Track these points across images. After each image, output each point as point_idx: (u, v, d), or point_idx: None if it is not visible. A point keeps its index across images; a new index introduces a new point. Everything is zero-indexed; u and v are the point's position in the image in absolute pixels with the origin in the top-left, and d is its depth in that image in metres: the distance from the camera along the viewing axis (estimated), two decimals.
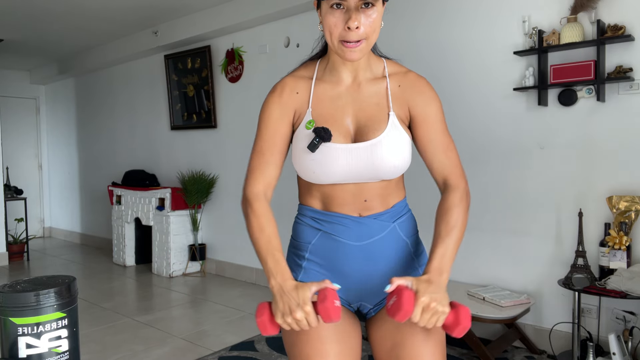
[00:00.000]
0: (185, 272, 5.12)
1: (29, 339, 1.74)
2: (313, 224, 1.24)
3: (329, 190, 1.21)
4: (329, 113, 1.19)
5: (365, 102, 1.20)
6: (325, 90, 1.21)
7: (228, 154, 4.93)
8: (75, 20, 5.03)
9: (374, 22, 1.12)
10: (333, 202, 1.21)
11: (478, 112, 3.23)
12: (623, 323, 2.68)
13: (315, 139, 1.14)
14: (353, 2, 1.08)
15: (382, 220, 1.22)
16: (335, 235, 1.20)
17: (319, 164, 1.16)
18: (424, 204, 2.40)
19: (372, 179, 1.19)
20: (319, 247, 1.23)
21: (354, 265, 1.21)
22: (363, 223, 1.20)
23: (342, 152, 1.15)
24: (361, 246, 1.20)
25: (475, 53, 3.22)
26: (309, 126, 1.18)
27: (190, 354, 3.05)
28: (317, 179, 1.18)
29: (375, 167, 1.16)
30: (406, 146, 1.21)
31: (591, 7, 2.74)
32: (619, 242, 2.57)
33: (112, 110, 6.48)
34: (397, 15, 3.58)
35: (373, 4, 1.10)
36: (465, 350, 3.02)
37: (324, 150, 1.15)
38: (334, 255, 1.21)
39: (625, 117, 2.71)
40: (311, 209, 1.25)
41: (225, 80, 4.88)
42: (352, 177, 1.18)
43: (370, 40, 1.14)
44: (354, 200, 1.20)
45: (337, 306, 0.98)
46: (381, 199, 1.22)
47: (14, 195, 6.31)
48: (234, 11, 4.46)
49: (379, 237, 1.21)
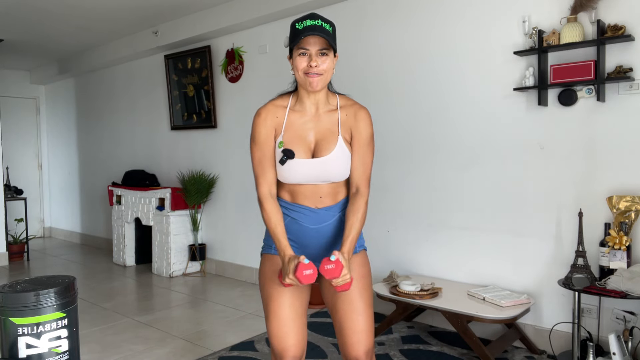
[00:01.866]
0: (185, 272, 5.12)
1: (29, 339, 1.74)
2: (285, 212, 1.76)
3: (294, 188, 1.74)
4: (297, 134, 1.71)
5: (322, 127, 1.72)
6: (295, 118, 1.73)
7: (228, 154, 4.93)
8: (75, 20, 5.04)
9: (328, 65, 1.63)
10: (298, 197, 1.74)
11: (478, 112, 3.23)
12: (623, 323, 2.68)
13: (284, 157, 1.67)
14: (314, 51, 1.62)
15: (332, 211, 1.75)
16: (298, 220, 1.75)
17: (287, 172, 1.69)
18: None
19: (325, 182, 1.71)
20: (289, 227, 1.75)
21: (311, 240, 1.76)
22: (318, 213, 1.74)
23: (303, 165, 1.68)
24: (316, 228, 1.75)
25: (476, 53, 3.22)
26: (280, 146, 1.70)
27: (190, 354, 3.05)
28: (286, 181, 1.72)
29: (326, 174, 1.69)
30: (347, 160, 1.71)
31: (591, 7, 2.74)
32: (619, 242, 2.57)
33: (112, 110, 6.49)
34: (398, 15, 3.58)
35: (327, 54, 1.63)
36: (465, 350, 3.02)
37: (291, 163, 1.68)
38: (299, 234, 1.76)
39: (625, 117, 2.71)
40: (284, 201, 1.77)
41: (225, 80, 4.88)
42: (310, 180, 1.70)
43: (326, 76, 1.64)
44: (312, 196, 1.73)
45: (305, 275, 1.53)
46: (331, 196, 1.74)
47: (14, 195, 6.31)
48: (234, 11, 4.46)
49: (329, 223, 1.75)
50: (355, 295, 1.70)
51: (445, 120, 3.38)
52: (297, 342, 1.68)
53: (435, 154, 3.45)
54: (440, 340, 3.19)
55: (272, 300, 1.70)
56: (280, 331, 1.68)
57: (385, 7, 3.65)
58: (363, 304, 1.70)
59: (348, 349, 1.70)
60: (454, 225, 3.37)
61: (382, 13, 3.67)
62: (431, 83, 3.44)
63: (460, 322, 2.79)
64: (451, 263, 3.39)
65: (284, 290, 1.69)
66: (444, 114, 3.39)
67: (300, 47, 1.61)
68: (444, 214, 3.42)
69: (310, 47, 1.60)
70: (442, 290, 3.12)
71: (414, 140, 3.53)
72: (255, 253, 4.71)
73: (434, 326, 3.44)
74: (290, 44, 1.65)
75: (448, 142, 3.38)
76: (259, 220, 4.64)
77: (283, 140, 1.70)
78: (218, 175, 5.04)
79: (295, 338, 1.68)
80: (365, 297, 1.72)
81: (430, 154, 3.47)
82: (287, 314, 1.68)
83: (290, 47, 1.66)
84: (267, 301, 1.72)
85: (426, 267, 3.51)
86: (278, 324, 1.68)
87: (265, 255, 1.81)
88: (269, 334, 1.71)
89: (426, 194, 3.51)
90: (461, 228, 3.33)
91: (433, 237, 3.47)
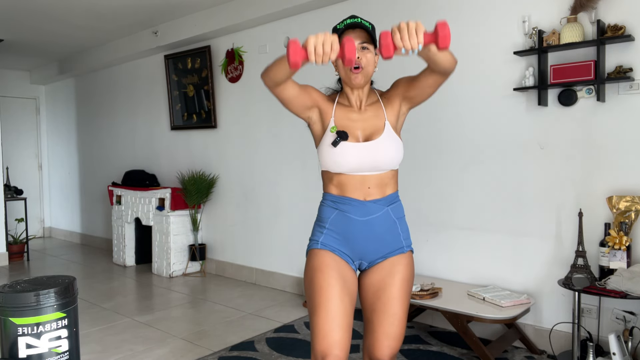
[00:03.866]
0: (185, 272, 5.12)
1: (29, 339, 1.74)
2: (332, 205, 1.75)
3: (343, 179, 1.71)
4: (345, 126, 1.72)
5: (368, 118, 1.74)
6: (342, 112, 1.75)
7: (228, 154, 4.93)
8: (76, 20, 5.04)
9: (369, 59, 1.68)
10: (346, 189, 1.71)
11: (478, 112, 3.23)
12: (623, 323, 2.68)
13: (337, 138, 1.66)
14: (356, 44, 1.61)
15: (379, 204, 1.71)
16: (346, 212, 1.71)
17: (340, 155, 1.67)
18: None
19: (374, 170, 1.70)
20: (335, 221, 1.73)
21: (358, 233, 1.71)
22: (366, 205, 1.70)
23: (354, 148, 1.67)
24: (364, 221, 1.70)
25: (476, 53, 3.22)
26: (333, 130, 1.70)
27: (190, 354, 3.05)
28: (337, 168, 1.70)
29: (376, 160, 1.68)
30: (397, 145, 1.71)
31: (591, 7, 2.74)
32: (619, 242, 2.57)
33: (112, 110, 6.49)
34: (398, 16, 3.58)
35: (368, 48, 1.67)
36: (465, 350, 3.02)
37: (343, 146, 1.67)
38: (345, 227, 1.72)
39: (625, 117, 2.71)
40: (331, 195, 1.75)
41: (225, 80, 4.88)
42: (361, 168, 1.68)
43: (366, 71, 1.68)
44: (361, 187, 1.70)
45: (352, 48, 1.34)
46: (379, 189, 1.72)
47: (14, 195, 6.31)
48: (234, 11, 4.46)
49: (376, 216, 1.71)
50: (396, 299, 1.67)
51: (445, 120, 3.38)
52: (344, 341, 1.57)
53: (435, 154, 3.45)
54: (440, 340, 3.19)
55: (321, 292, 1.62)
56: (327, 326, 1.56)
57: (385, 7, 3.65)
58: (402, 310, 1.67)
59: (375, 351, 1.65)
60: (454, 225, 3.37)
61: (382, 13, 3.67)
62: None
63: (460, 322, 2.79)
64: (451, 263, 3.39)
65: (334, 284, 1.62)
66: (443, 114, 3.39)
67: None
68: (444, 213, 3.42)
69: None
70: (442, 290, 3.12)
71: (413, 140, 3.53)
72: (255, 253, 4.71)
73: (434, 326, 3.44)
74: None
75: (448, 142, 3.38)
76: (259, 220, 4.64)
77: (335, 125, 1.70)
78: (218, 175, 5.04)
79: (343, 334, 1.57)
80: (406, 303, 1.69)
81: (430, 153, 3.47)
82: (336, 308, 1.58)
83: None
84: (315, 294, 1.63)
85: (426, 267, 3.52)
86: (326, 317, 1.57)
87: (312, 251, 1.75)
88: (313, 330, 1.60)
89: (426, 194, 3.51)
90: (461, 228, 3.33)
91: (433, 237, 3.47)
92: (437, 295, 3.04)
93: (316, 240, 1.75)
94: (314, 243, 1.76)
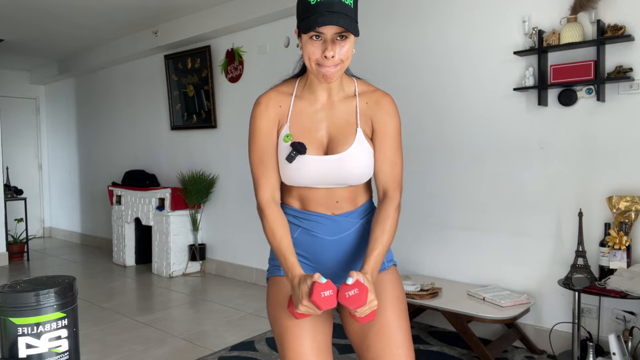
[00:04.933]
0: (185, 272, 5.12)
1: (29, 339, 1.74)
2: (294, 221, 1.43)
3: (305, 192, 1.40)
4: (305, 127, 1.37)
5: (337, 118, 1.38)
6: (303, 107, 1.38)
7: (228, 154, 4.93)
8: (76, 20, 5.03)
9: (347, 51, 1.26)
10: (309, 203, 1.41)
11: (478, 112, 3.23)
12: (623, 323, 2.68)
13: (292, 152, 1.32)
14: (329, 35, 1.23)
15: (352, 218, 1.42)
16: (312, 231, 1.41)
17: (296, 172, 1.34)
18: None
19: (341, 184, 1.38)
20: (300, 241, 1.42)
21: (330, 255, 1.42)
22: (336, 220, 1.40)
23: (315, 162, 1.34)
24: (335, 240, 1.41)
25: (476, 53, 3.22)
26: (287, 139, 1.35)
27: (190, 354, 3.05)
28: (294, 183, 1.38)
29: (343, 176, 1.35)
30: (368, 157, 1.37)
31: (591, 7, 2.74)
32: (619, 242, 2.57)
33: (112, 110, 6.49)
34: (398, 16, 3.58)
35: (346, 37, 1.25)
36: (465, 350, 3.02)
37: (300, 161, 1.33)
38: (313, 248, 1.42)
39: (625, 117, 2.71)
40: (292, 208, 1.44)
41: (225, 80, 4.88)
42: (324, 183, 1.37)
43: (343, 65, 1.29)
44: (327, 201, 1.40)
45: (324, 297, 1.17)
46: (350, 200, 1.41)
47: (14, 195, 6.31)
48: (234, 11, 4.46)
49: (350, 232, 1.42)
50: (393, 324, 1.34)
51: (445, 120, 3.38)
52: None
53: (435, 154, 3.45)
54: (440, 340, 3.19)
55: (287, 334, 1.32)
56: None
57: (384, 7, 3.65)
58: (403, 335, 1.34)
59: None
60: (454, 225, 3.37)
61: (382, 14, 3.66)
62: (431, 83, 3.44)
63: (460, 322, 2.79)
64: (451, 263, 3.39)
65: (302, 321, 1.33)
66: (444, 114, 3.39)
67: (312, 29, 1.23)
68: (444, 213, 3.42)
69: (325, 31, 1.23)
70: (442, 290, 3.12)
71: (413, 140, 3.53)
72: (255, 253, 4.71)
73: (434, 326, 3.44)
74: (299, 21, 1.27)
75: (448, 142, 3.38)
76: (259, 220, 4.64)
77: (290, 133, 1.36)
78: (218, 175, 5.04)
79: None
80: (405, 325, 1.36)
81: (429, 153, 3.47)
82: (308, 351, 1.30)
83: (298, 25, 1.29)
84: (282, 336, 1.34)
85: (426, 267, 3.51)
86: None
87: (273, 279, 1.45)
88: None
89: (426, 194, 3.51)
90: (461, 228, 3.33)
91: (433, 237, 3.47)
92: (437, 295, 3.04)
93: (277, 266, 1.44)
94: (274, 269, 1.45)
